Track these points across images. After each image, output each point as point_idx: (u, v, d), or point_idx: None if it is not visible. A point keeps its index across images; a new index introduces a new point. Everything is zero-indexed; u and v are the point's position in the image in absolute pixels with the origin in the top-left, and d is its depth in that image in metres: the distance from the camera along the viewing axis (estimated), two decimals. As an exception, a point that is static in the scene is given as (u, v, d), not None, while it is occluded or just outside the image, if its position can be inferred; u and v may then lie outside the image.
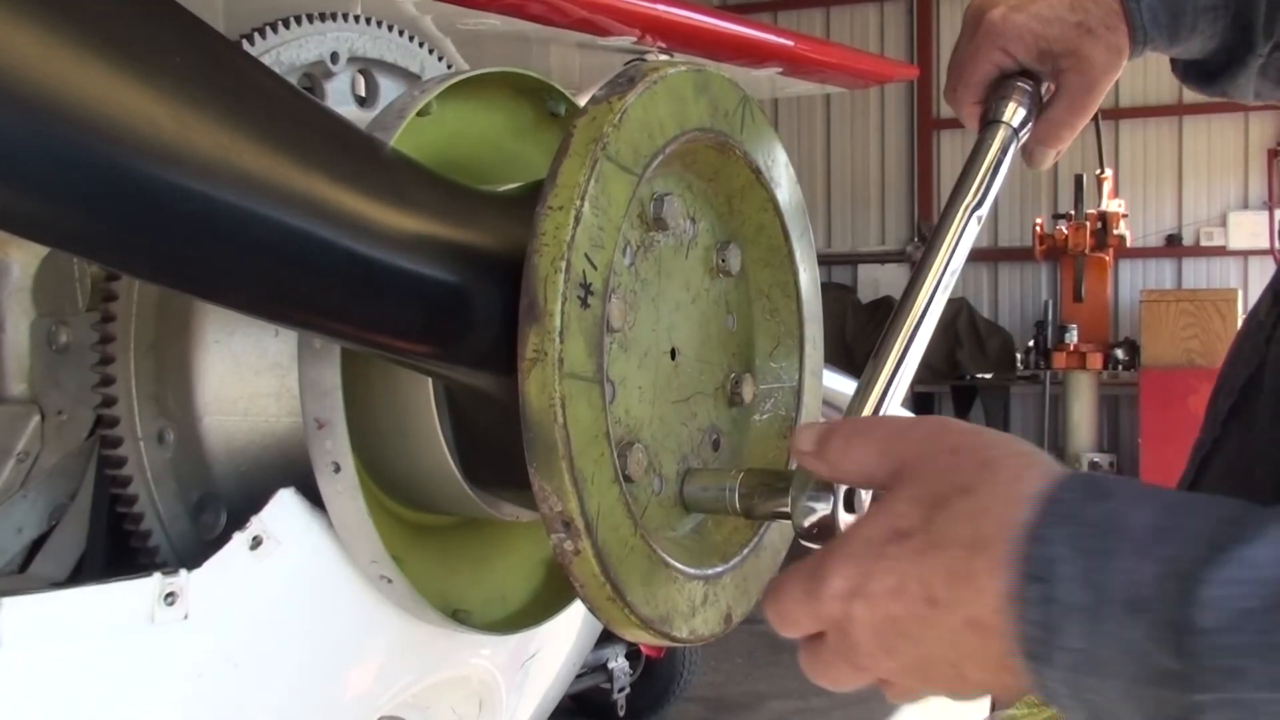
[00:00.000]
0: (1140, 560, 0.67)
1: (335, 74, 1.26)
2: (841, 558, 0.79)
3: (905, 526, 0.77)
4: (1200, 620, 0.64)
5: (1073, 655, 0.69)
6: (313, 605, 1.13)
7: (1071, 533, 0.70)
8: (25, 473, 1.27)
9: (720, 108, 1.06)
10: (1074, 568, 0.69)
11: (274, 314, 0.92)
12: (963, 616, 0.73)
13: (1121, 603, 0.67)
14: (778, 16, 14.87)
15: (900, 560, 0.76)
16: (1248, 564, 0.64)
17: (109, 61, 0.71)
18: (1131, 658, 0.67)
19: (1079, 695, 0.70)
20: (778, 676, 7.20)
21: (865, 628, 0.78)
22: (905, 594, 0.75)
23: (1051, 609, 0.69)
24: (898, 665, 0.79)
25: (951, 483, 0.76)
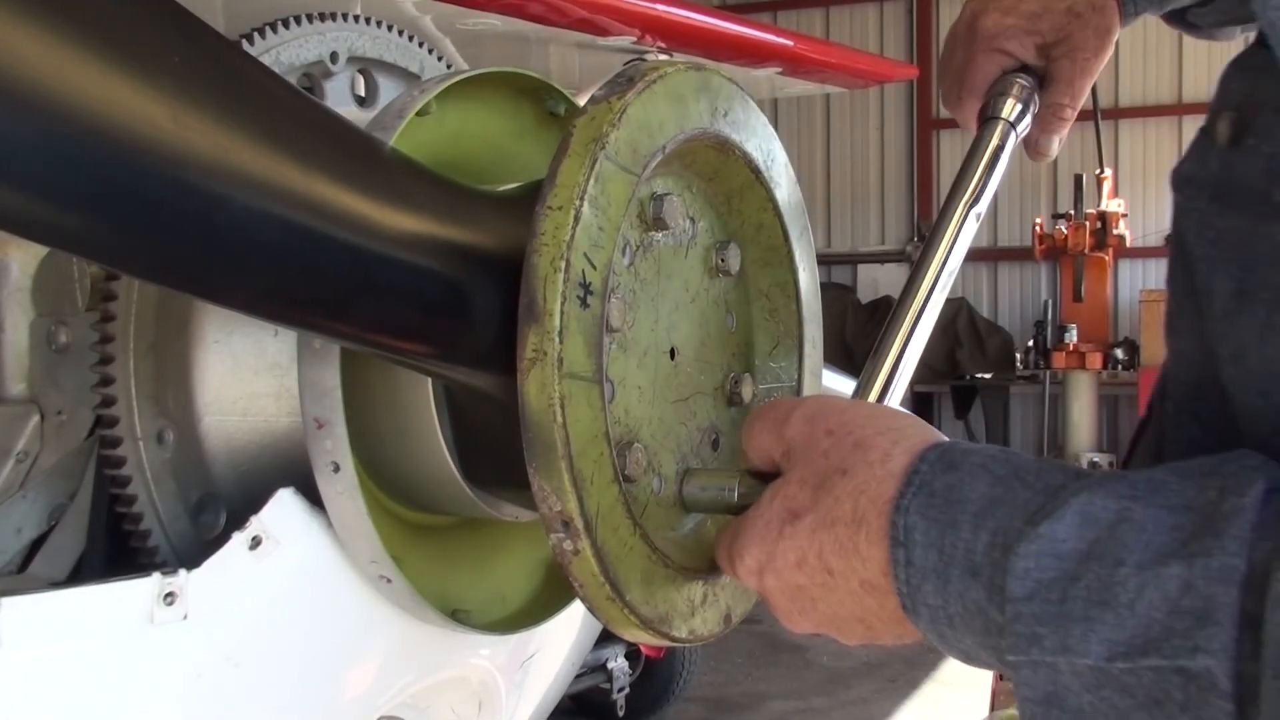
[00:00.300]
0: (975, 531, 0.75)
1: (335, 74, 1.26)
2: (749, 538, 0.89)
3: (797, 507, 0.86)
4: (1012, 589, 0.71)
5: (932, 610, 0.78)
6: (312, 605, 1.14)
7: (924, 503, 0.79)
8: (25, 473, 1.27)
9: (720, 108, 1.06)
10: (926, 535, 0.78)
11: (273, 314, 0.92)
12: (858, 581, 0.82)
13: (962, 567, 0.75)
14: (777, 16, 14.88)
15: (797, 538, 0.85)
16: (1049, 538, 0.71)
17: (109, 61, 0.71)
18: (974, 614, 0.75)
19: (946, 643, 0.79)
20: (778, 676, 7.20)
21: (779, 595, 0.88)
22: (806, 566, 0.85)
23: (911, 571, 0.78)
24: (811, 625, 0.89)
25: (831, 465, 0.85)
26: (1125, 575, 0.68)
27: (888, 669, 7.21)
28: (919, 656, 7.28)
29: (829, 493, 0.84)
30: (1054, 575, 0.70)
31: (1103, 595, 0.69)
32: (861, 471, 0.83)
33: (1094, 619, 0.68)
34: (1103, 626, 0.68)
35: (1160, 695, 0.67)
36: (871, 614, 0.84)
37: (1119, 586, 0.68)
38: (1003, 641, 0.73)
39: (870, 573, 0.81)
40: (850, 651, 7.51)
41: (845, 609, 0.85)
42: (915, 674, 7.14)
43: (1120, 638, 0.67)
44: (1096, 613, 0.68)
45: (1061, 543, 0.71)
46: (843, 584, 0.84)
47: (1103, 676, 0.68)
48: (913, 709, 6.71)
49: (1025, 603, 0.71)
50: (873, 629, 0.86)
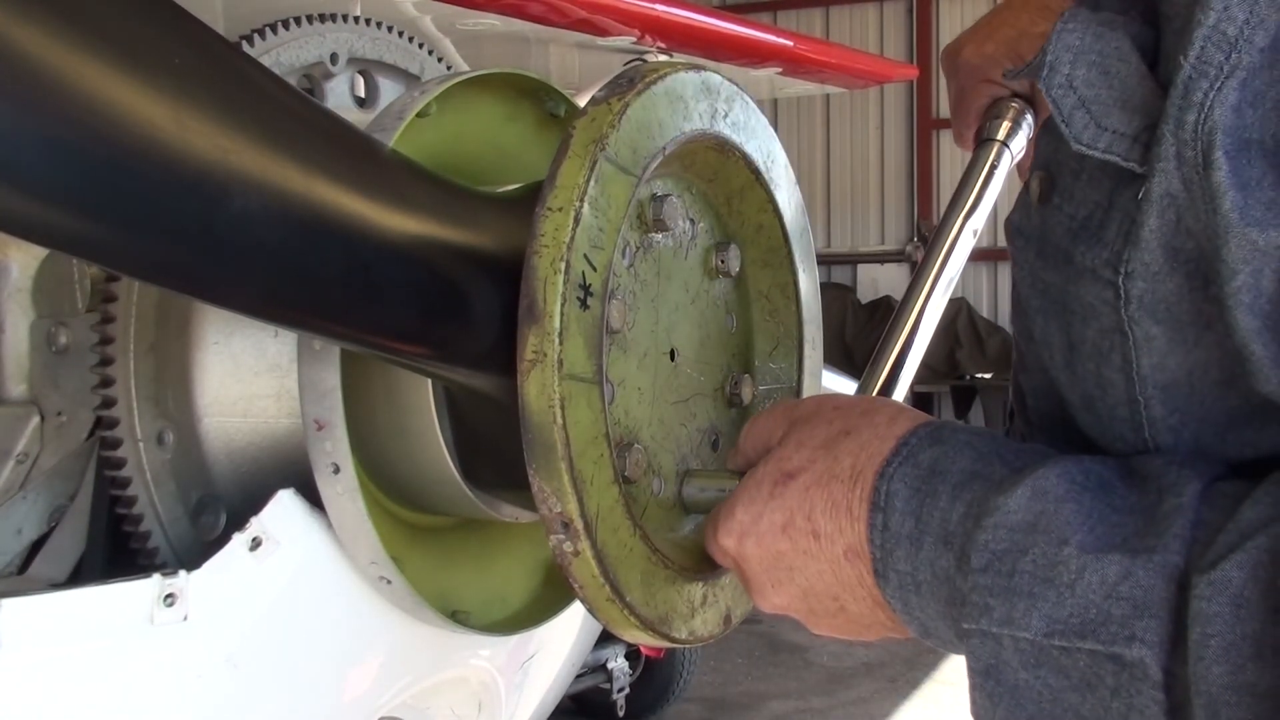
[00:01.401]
0: (952, 501, 0.76)
1: (335, 75, 1.26)
2: (734, 501, 0.87)
3: (792, 467, 0.84)
4: (972, 559, 0.72)
5: (901, 577, 0.78)
6: (312, 606, 1.14)
7: (908, 472, 0.79)
8: (25, 474, 1.27)
9: (720, 109, 1.06)
10: (907, 503, 0.78)
11: (273, 315, 0.92)
12: (843, 546, 0.81)
13: (936, 536, 0.76)
14: (777, 16, 14.88)
15: (787, 498, 0.84)
16: (1004, 510, 0.72)
17: (108, 63, 0.71)
18: (941, 582, 0.75)
19: (909, 612, 0.79)
20: (778, 676, 7.20)
21: (755, 564, 0.86)
22: (792, 528, 0.83)
23: (887, 535, 0.78)
24: (783, 600, 0.87)
25: (836, 428, 0.85)
26: (1068, 555, 0.69)
27: (888, 669, 7.21)
28: (919, 656, 7.28)
29: (830, 451, 0.83)
30: (1005, 547, 0.71)
31: (1046, 572, 0.69)
32: (866, 432, 0.83)
33: (1037, 595, 0.69)
34: (1044, 603, 0.69)
35: (1093, 679, 0.67)
36: (848, 589, 0.83)
37: (1061, 565, 0.69)
38: (961, 610, 0.73)
39: (856, 537, 0.81)
40: (850, 651, 7.51)
41: (823, 581, 0.84)
42: (915, 674, 7.14)
43: (1059, 615, 0.68)
44: (1040, 589, 0.69)
45: (1012, 514, 0.72)
46: (826, 550, 0.82)
47: (1040, 654, 0.69)
48: (913, 709, 6.71)
49: (981, 574, 0.72)
50: (844, 610, 0.85)
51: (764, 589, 0.88)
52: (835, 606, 0.85)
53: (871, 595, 0.82)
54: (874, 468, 0.80)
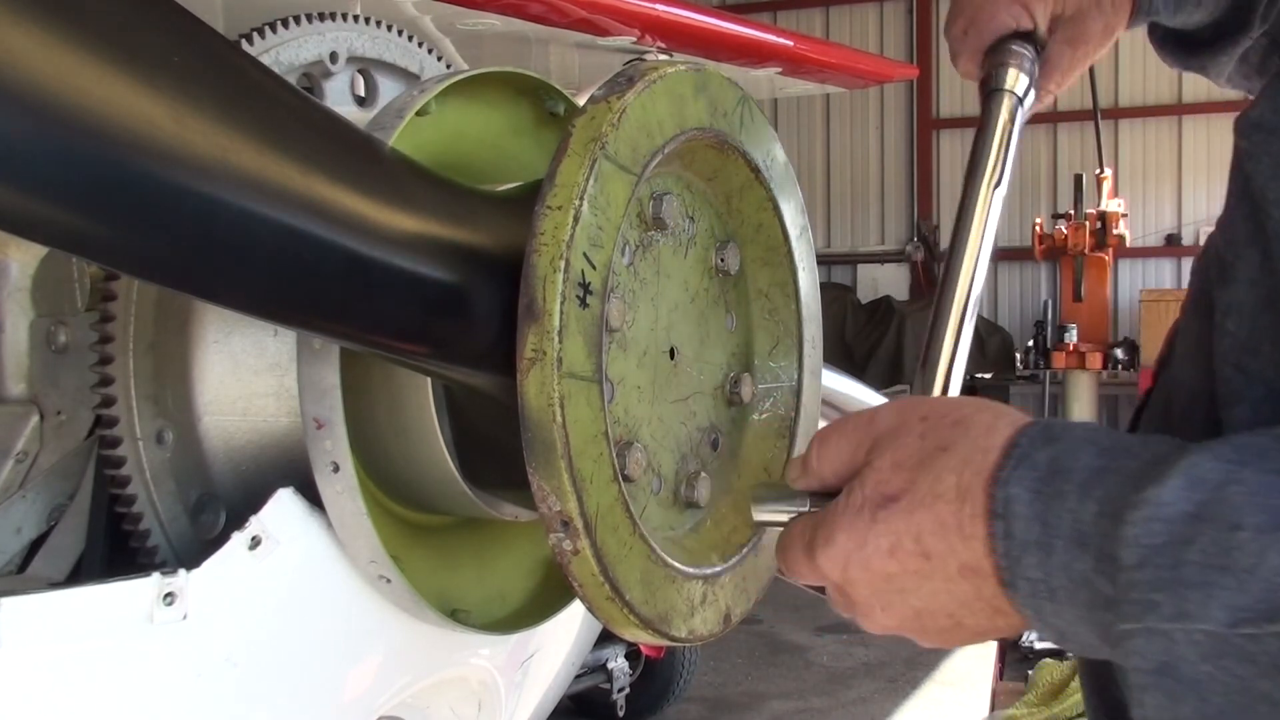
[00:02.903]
0: (1082, 500, 0.73)
1: (334, 74, 1.25)
2: (835, 527, 0.84)
3: (892, 491, 0.81)
4: (1123, 557, 0.69)
5: (1032, 584, 0.75)
6: (312, 605, 1.13)
7: (1025, 475, 0.76)
8: (24, 473, 1.27)
9: (719, 107, 1.06)
10: (1029, 507, 0.75)
11: (273, 314, 0.92)
12: (957, 564, 0.79)
13: (1068, 538, 0.73)
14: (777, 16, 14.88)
15: (892, 522, 0.81)
16: (1155, 502, 0.69)
17: (108, 61, 0.71)
18: (1080, 586, 0.73)
19: (1043, 619, 0.76)
20: (777, 676, 7.20)
21: (863, 588, 0.84)
22: (901, 551, 0.81)
23: (1011, 544, 0.75)
24: (895, 621, 0.85)
25: (930, 444, 0.82)
26: (1244, 539, 0.65)
27: (888, 669, 7.21)
28: (919, 656, 7.27)
29: (928, 470, 0.80)
30: (1163, 540, 0.68)
31: (1220, 560, 0.66)
32: (964, 446, 0.80)
33: (1213, 584, 0.66)
34: (1223, 591, 0.65)
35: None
36: (964, 605, 0.81)
37: (1238, 551, 0.65)
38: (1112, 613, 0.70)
39: (972, 554, 0.78)
40: (850, 651, 7.51)
41: (937, 600, 0.82)
42: (915, 674, 7.14)
43: (1243, 603, 0.65)
44: (1215, 577, 0.66)
45: (1168, 506, 0.68)
46: (939, 569, 0.80)
47: (1222, 645, 0.65)
48: (913, 709, 6.71)
49: (1138, 570, 0.68)
50: (961, 624, 0.83)
51: (872, 611, 0.85)
52: (951, 623, 0.84)
53: (991, 606, 0.80)
54: (982, 482, 0.78)
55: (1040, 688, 4.55)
